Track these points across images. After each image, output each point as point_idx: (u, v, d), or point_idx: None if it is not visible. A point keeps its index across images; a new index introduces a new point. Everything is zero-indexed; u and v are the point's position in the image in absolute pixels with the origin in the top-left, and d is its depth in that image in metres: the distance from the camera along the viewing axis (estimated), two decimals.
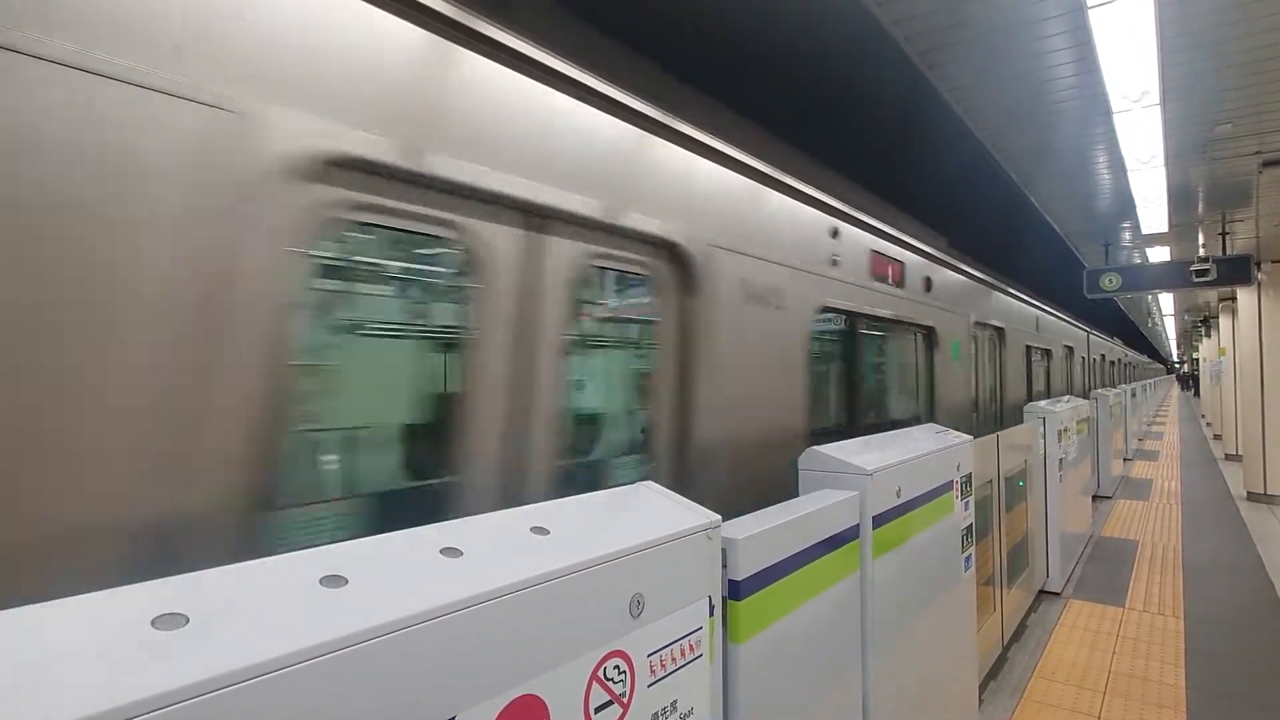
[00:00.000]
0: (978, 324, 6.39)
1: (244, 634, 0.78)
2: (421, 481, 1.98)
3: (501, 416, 1.89)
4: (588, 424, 2.55)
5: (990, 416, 6.98)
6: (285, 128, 1.39)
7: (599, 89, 2.17)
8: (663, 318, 2.53)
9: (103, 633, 0.73)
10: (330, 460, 1.86)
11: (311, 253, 1.51)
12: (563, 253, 2.08)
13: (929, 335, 5.20)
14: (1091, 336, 14.55)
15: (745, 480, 2.77)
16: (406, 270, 1.99)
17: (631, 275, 2.47)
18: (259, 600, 0.85)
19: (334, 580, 0.91)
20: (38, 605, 0.74)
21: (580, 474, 2.39)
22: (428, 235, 1.77)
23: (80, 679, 0.66)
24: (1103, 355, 17.23)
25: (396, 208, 1.66)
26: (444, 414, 1.92)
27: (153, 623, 0.75)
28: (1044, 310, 9.61)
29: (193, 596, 0.81)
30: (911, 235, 4.89)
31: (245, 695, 0.73)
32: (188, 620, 0.77)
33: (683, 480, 2.46)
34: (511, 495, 1.90)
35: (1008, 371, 7.45)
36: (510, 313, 1.92)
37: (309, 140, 1.43)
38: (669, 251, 2.49)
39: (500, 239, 1.90)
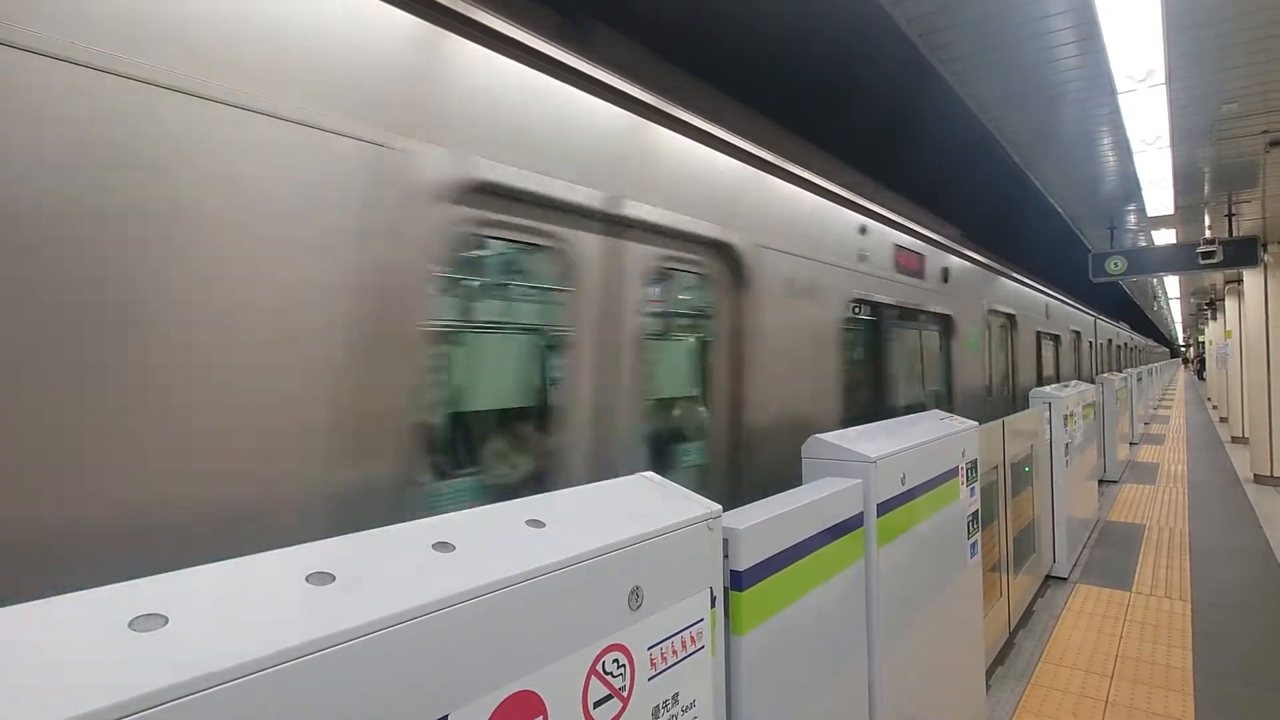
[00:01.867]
0: (990, 311, 6.66)
1: (227, 634, 0.75)
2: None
3: (598, 400, 2.26)
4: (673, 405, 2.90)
5: (1003, 400, 7.16)
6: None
7: (710, 130, 2.72)
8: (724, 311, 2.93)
9: (78, 635, 0.70)
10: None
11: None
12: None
13: (946, 323, 5.44)
14: (1099, 322, 14.54)
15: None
16: (522, 278, 2.29)
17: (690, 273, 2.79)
18: (243, 599, 0.82)
19: (321, 577, 0.89)
20: (8, 609, 0.72)
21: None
22: (539, 246, 2.12)
23: (52, 683, 0.64)
24: (1109, 340, 17.12)
25: (515, 223, 2.01)
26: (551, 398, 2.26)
27: (130, 624, 0.73)
28: (1053, 297, 9.77)
29: (173, 596, 0.79)
30: (929, 227, 5.03)
31: (228, 697, 0.70)
32: (167, 621, 0.74)
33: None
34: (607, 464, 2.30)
35: (1019, 356, 7.70)
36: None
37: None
38: (722, 252, 2.86)
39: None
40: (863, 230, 4.01)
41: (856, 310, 4.01)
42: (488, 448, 2.15)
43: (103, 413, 1.17)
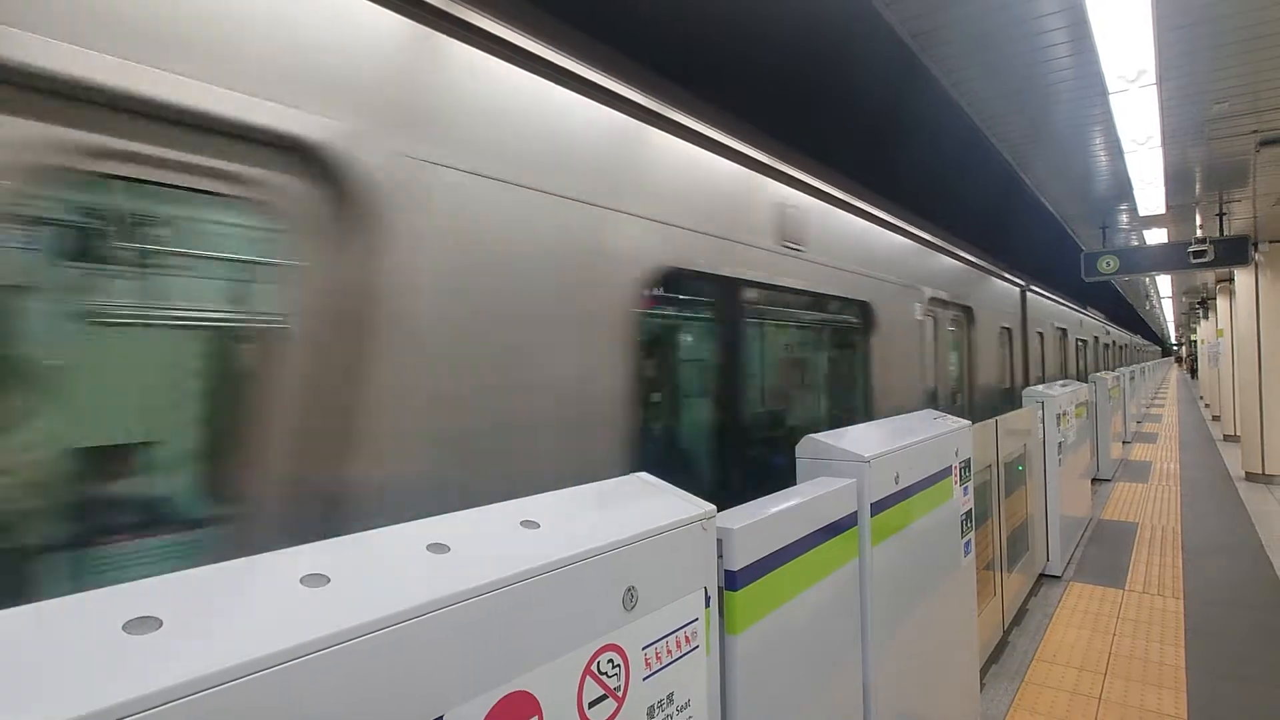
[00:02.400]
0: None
1: (221, 636, 0.75)
2: None
3: None
4: None
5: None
6: None
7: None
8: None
9: (72, 638, 0.70)
10: None
11: None
12: None
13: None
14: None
15: None
16: None
17: None
18: (237, 601, 0.82)
19: (315, 579, 0.89)
20: (1, 611, 0.72)
21: None
22: None
23: (46, 687, 0.64)
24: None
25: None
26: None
27: (124, 626, 0.73)
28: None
29: (167, 599, 0.79)
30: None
31: (222, 699, 0.70)
32: (161, 623, 0.74)
33: None
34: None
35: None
36: None
37: None
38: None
39: None
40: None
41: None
42: None
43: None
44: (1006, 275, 8.11)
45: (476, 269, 1.71)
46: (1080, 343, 14.00)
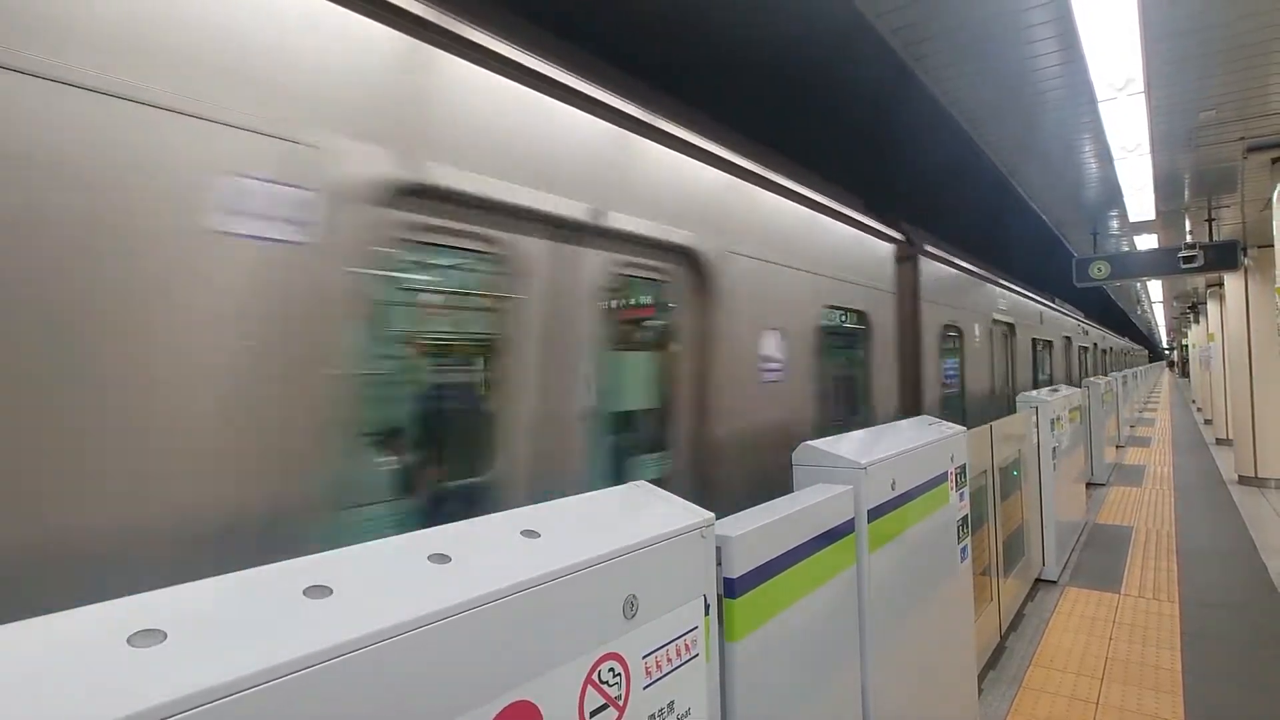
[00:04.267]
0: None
1: (224, 648, 0.76)
2: None
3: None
4: None
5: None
6: None
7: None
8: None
9: (76, 651, 0.71)
10: None
11: None
12: None
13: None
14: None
15: None
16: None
17: None
18: (240, 613, 0.83)
19: (318, 590, 0.89)
20: (7, 625, 0.72)
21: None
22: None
23: (51, 700, 0.64)
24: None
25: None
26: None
27: (129, 639, 0.73)
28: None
29: (171, 611, 0.79)
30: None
31: (227, 712, 0.71)
32: (165, 636, 0.75)
33: None
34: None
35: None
36: None
37: None
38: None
39: None
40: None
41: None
42: None
43: None
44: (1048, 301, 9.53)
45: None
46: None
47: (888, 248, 4.69)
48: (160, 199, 1.23)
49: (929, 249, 5.30)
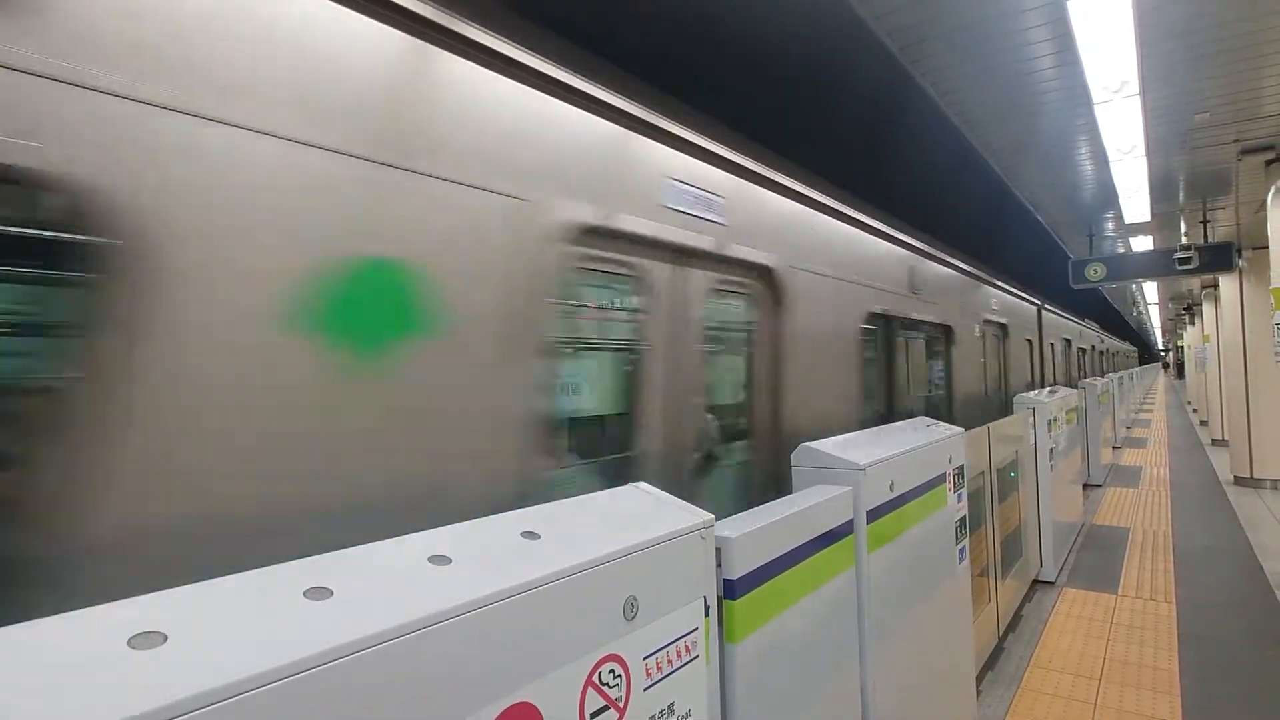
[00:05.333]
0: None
1: (226, 650, 0.75)
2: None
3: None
4: None
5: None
6: None
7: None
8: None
9: (77, 654, 0.70)
10: None
11: None
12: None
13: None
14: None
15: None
16: None
17: None
18: (240, 615, 0.82)
19: (318, 592, 0.89)
20: (7, 628, 0.72)
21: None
22: None
23: (52, 703, 0.64)
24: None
25: None
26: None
27: (129, 641, 0.73)
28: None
29: (172, 614, 0.79)
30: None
31: (227, 714, 0.70)
32: (166, 638, 0.74)
33: None
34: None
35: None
36: None
37: None
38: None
39: None
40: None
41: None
42: None
43: None
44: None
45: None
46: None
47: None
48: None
49: (1047, 306, 8.23)
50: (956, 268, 6.13)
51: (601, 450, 2.46)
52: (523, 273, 1.88)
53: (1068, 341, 12.11)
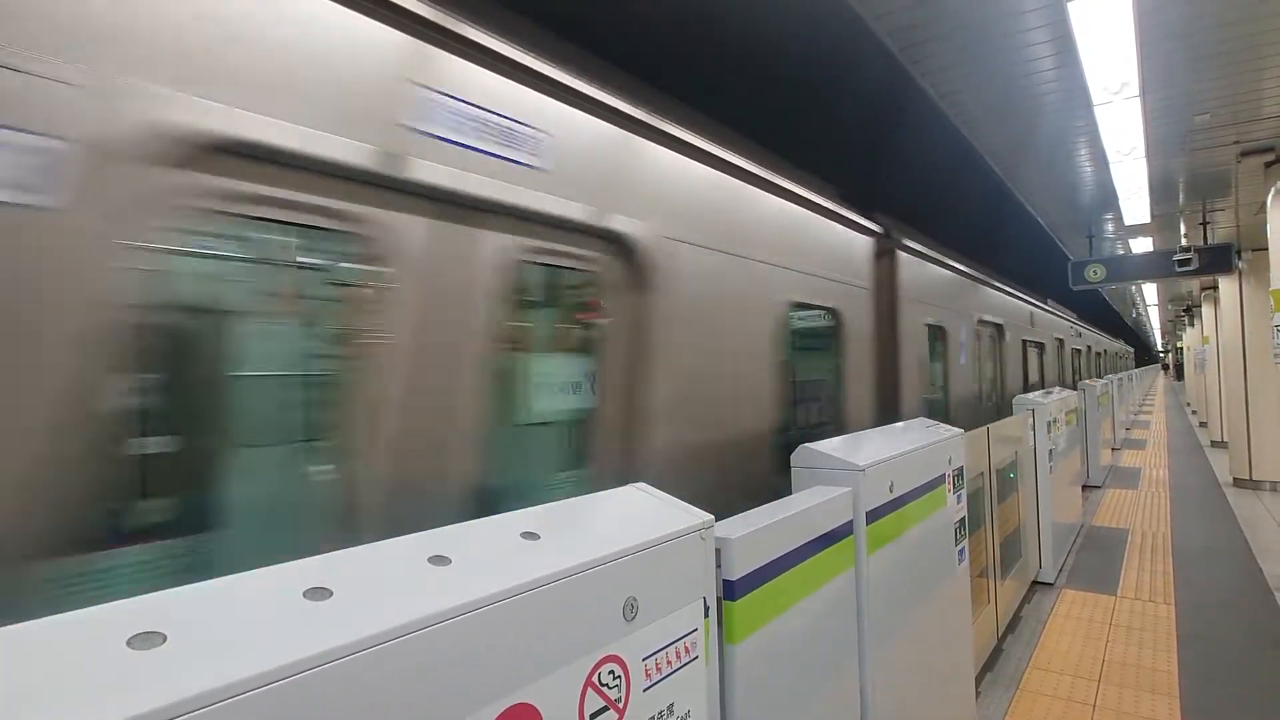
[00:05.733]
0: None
1: (225, 651, 0.75)
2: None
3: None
4: None
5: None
6: None
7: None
8: None
9: (76, 654, 0.70)
10: None
11: None
12: None
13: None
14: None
15: None
16: None
17: None
18: (240, 615, 0.82)
19: (318, 593, 0.89)
20: (6, 628, 0.71)
21: None
22: None
23: (51, 703, 0.63)
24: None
25: None
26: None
27: (128, 642, 0.73)
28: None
29: (171, 614, 0.79)
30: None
31: (226, 714, 0.70)
32: (165, 639, 0.74)
33: None
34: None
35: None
36: None
37: None
38: None
39: None
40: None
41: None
42: None
43: None
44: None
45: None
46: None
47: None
48: None
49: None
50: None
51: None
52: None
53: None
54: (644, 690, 1.28)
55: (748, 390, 2.94)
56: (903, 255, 4.73)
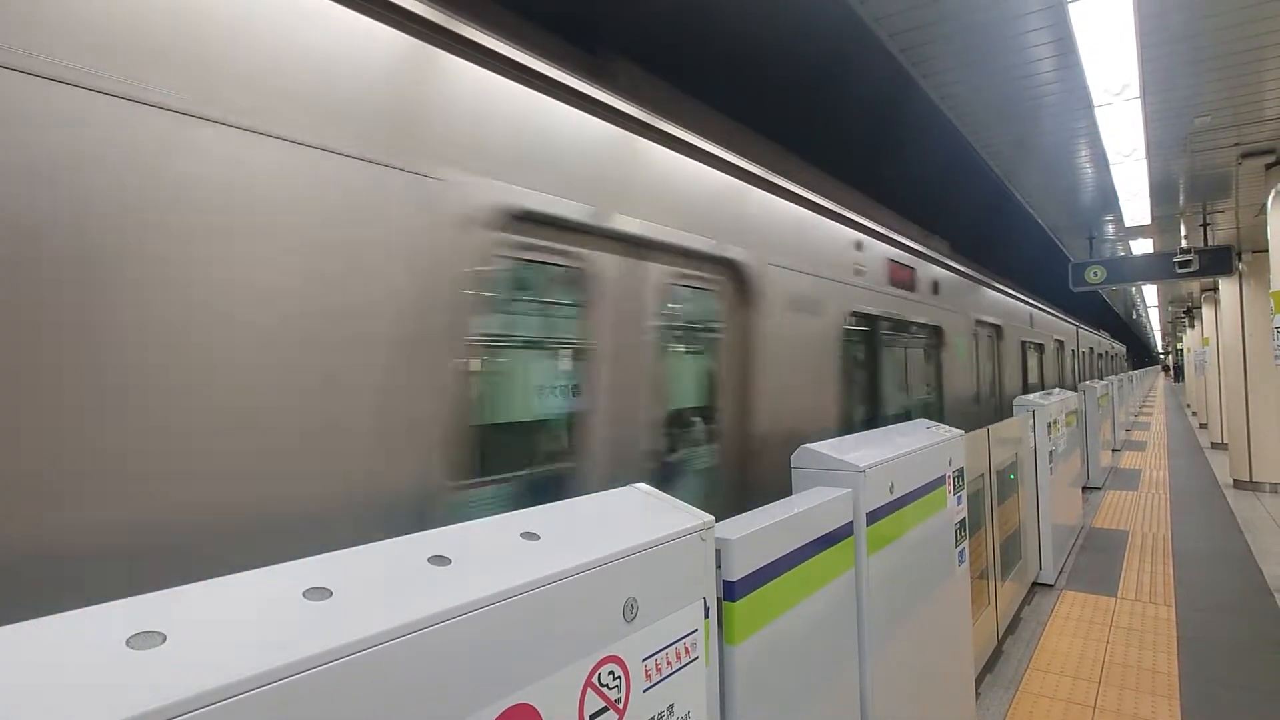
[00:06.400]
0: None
1: (225, 651, 0.75)
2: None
3: None
4: None
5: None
6: None
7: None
8: None
9: (75, 654, 0.70)
10: None
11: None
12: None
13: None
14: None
15: None
16: None
17: None
18: (240, 615, 0.82)
19: (318, 593, 0.89)
20: (5, 628, 0.71)
21: None
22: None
23: (50, 703, 0.63)
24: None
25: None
26: None
27: (127, 642, 0.72)
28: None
29: (170, 613, 0.79)
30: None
31: (226, 714, 0.70)
32: (165, 638, 0.74)
33: None
34: None
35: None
36: None
37: None
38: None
39: None
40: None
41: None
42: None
43: None
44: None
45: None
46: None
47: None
48: None
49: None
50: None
51: None
52: None
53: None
54: (644, 691, 1.28)
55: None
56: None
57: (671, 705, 1.34)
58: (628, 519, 1.43)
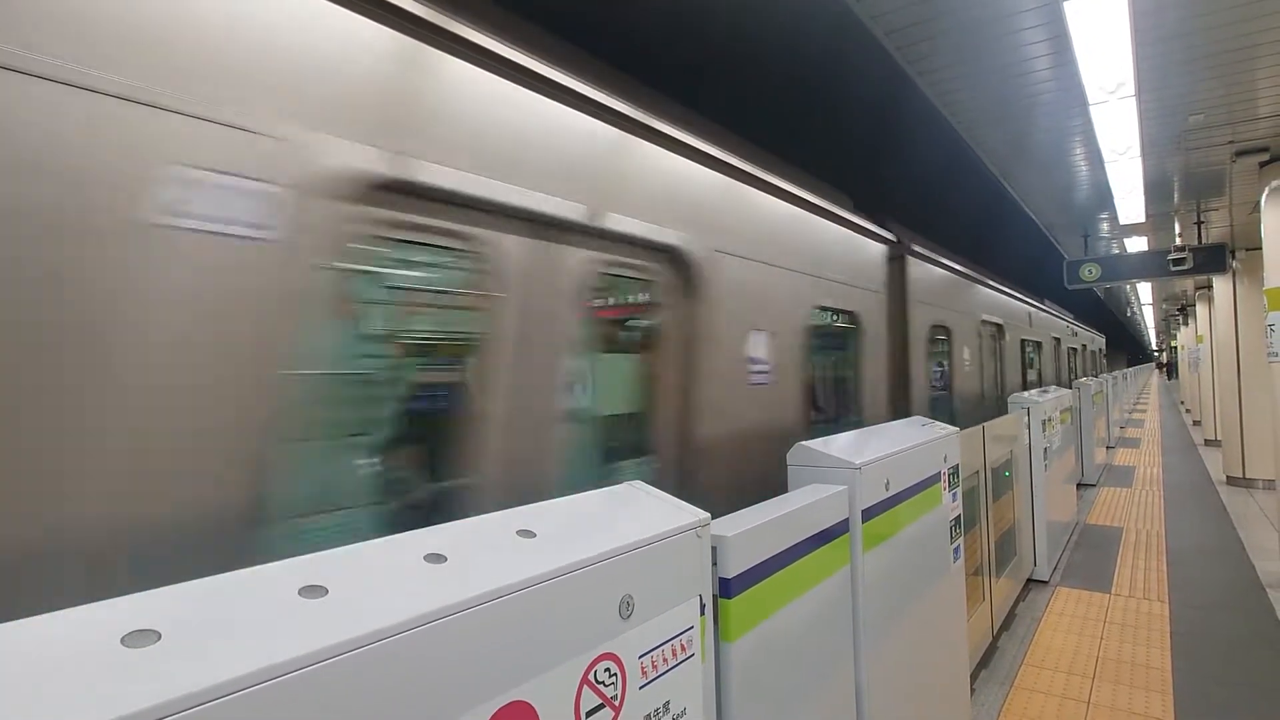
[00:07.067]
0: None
1: (220, 649, 0.75)
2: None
3: None
4: None
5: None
6: None
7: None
8: None
9: (69, 652, 0.70)
10: None
11: None
12: None
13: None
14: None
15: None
16: None
17: None
18: (236, 613, 0.82)
19: (313, 590, 0.89)
20: None
21: None
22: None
23: (43, 702, 0.63)
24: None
25: None
26: None
27: (122, 640, 0.72)
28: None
29: (165, 612, 0.78)
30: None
31: (221, 712, 0.70)
32: (159, 636, 0.74)
33: None
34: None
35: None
36: None
37: None
38: None
39: None
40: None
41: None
42: None
43: None
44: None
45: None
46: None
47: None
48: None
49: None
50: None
51: None
52: None
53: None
54: (640, 688, 1.28)
55: None
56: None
57: (667, 702, 1.35)
58: (623, 516, 1.43)
